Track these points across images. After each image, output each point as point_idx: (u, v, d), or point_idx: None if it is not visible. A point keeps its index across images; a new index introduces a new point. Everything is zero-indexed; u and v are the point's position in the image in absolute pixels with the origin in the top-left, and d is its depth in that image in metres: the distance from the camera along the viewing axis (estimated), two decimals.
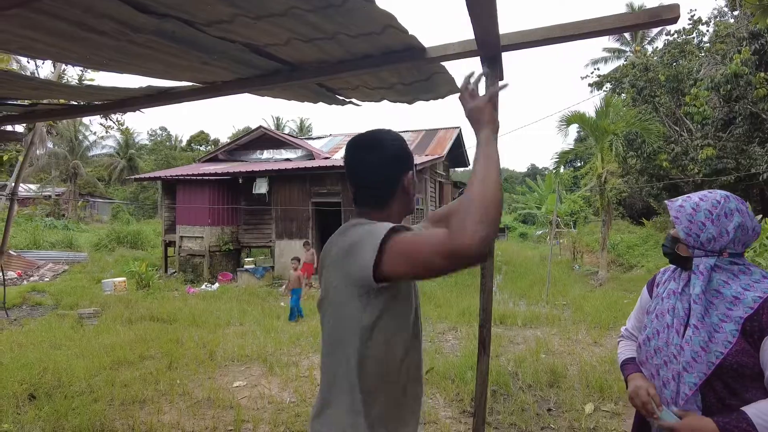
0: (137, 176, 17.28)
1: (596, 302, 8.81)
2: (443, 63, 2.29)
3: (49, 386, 4.63)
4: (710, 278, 1.46)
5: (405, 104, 2.98)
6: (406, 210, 1.42)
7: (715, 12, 18.72)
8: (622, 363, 1.78)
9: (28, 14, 1.58)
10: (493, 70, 1.93)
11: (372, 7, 1.59)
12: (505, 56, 2.00)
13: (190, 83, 2.65)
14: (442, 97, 2.84)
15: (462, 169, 23.58)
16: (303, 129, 44.52)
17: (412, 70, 2.37)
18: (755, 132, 13.17)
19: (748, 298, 1.37)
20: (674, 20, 1.79)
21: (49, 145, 34.67)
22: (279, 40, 1.97)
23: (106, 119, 9.78)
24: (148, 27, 1.73)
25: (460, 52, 1.98)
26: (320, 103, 3.12)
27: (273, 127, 38.47)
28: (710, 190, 1.55)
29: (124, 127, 9.81)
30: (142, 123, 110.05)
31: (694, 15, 16.09)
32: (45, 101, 3.17)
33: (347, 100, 2.95)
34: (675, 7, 1.77)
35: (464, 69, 1.44)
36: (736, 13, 16.38)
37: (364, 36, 1.90)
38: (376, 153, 1.36)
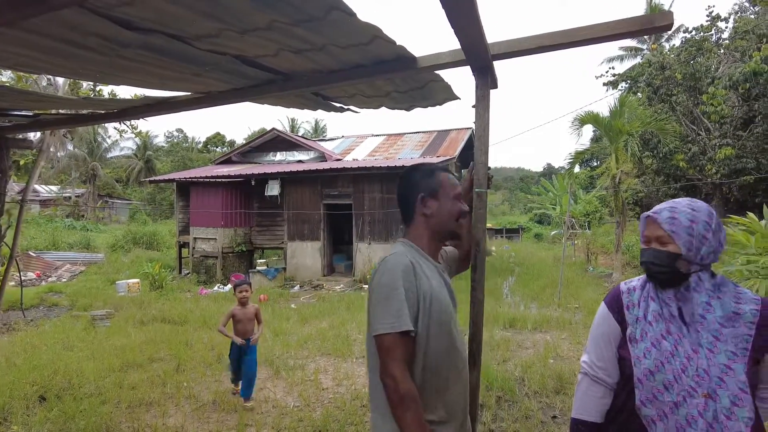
0: (152, 178, 17.52)
1: None
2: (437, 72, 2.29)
3: (60, 388, 4.71)
4: (719, 293, 1.37)
5: (403, 111, 2.97)
6: (439, 227, 1.64)
7: (736, 8, 18.32)
8: (573, 423, 1.57)
9: (18, 33, 1.61)
10: (484, 79, 1.91)
11: (354, 20, 1.59)
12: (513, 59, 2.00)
13: (187, 93, 2.68)
14: (440, 104, 2.82)
15: None
16: (318, 130, 44.69)
17: (406, 78, 2.36)
18: None
19: (747, 313, 1.32)
20: (668, 27, 1.76)
21: (69, 147, 35.46)
22: (269, 52, 1.98)
23: (120, 123, 9.95)
24: (136, 42, 1.75)
25: (450, 61, 1.97)
26: (325, 111, 3.13)
27: (288, 129, 38.74)
28: (689, 199, 1.46)
29: (137, 130, 9.96)
30: (159, 125, 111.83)
31: (713, 11, 15.74)
32: (53, 111, 3.23)
33: (345, 107, 2.95)
34: (668, 15, 1.73)
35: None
36: (757, 8, 16.01)
37: (353, 47, 1.90)
38: (401, 181, 1.70)
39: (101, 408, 4.25)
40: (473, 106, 1.93)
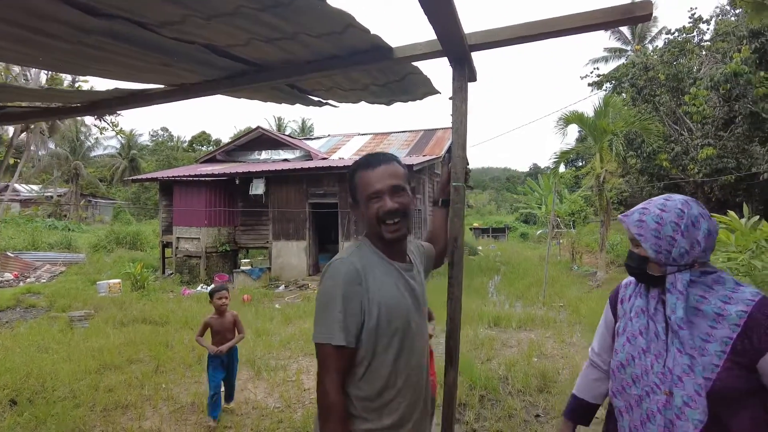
0: (134, 177, 17.26)
1: (593, 304, 8.70)
2: (415, 63, 2.23)
3: (32, 391, 4.57)
4: (688, 295, 1.33)
5: (383, 105, 2.91)
6: (370, 230, 1.52)
7: (717, 10, 18.60)
8: (570, 397, 1.73)
9: None
10: (461, 70, 1.86)
11: (324, 6, 1.53)
12: (499, 56, 1.94)
13: (161, 86, 2.59)
14: (420, 99, 2.77)
15: None
16: (305, 130, 44.45)
17: (384, 70, 2.31)
18: (755, 131, 13.05)
19: (732, 314, 1.26)
20: (647, 18, 1.72)
21: (51, 145, 34.79)
22: (238, 41, 1.91)
23: (100, 120, 9.76)
24: (99, 29, 1.67)
25: (427, 52, 1.91)
26: (303, 105, 3.06)
27: (275, 128, 38.45)
28: (666, 197, 1.41)
29: (119, 128, 9.76)
30: (144, 123, 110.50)
31: (695, 13, 15.96)
32: (23, 104, 3.12)
33: (324, 101, 2.89)
34: (647, 5, 1.70)
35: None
36: (738, 11, 16.26)
37: (326, 36, 1.84)
38: None
39: (74, 411, 4.13)
40: (450, 98, 1.88)
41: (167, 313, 8.54)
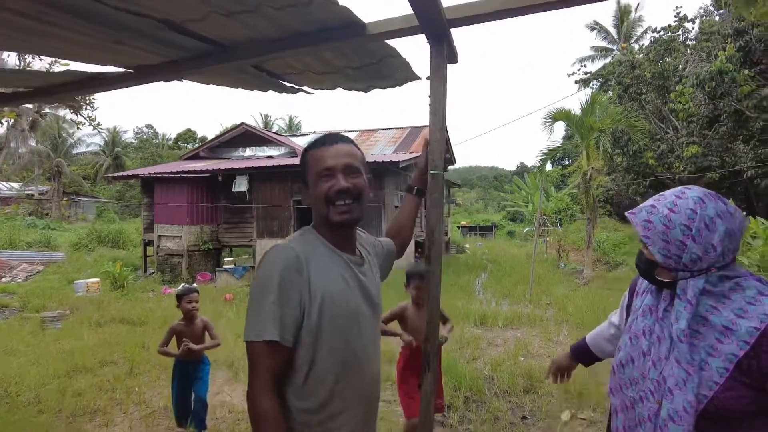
0: (114, 174, 16.88)
1: (579, 302, 8.64)
2: (391, 44, 2.08)
3: None
4: (697, 304, 1.19)
5: (360, 92, 2.75)
6: (319, 215, 1.37)
7: (701, 11, 18.71)
8: (582, 339, 1.85)
9: None
10: (439, 48, 1.71)
11: None
12: (489, 56, 1.79)
13: (120, 69, 2.40)
14: (399, 85, 2.61)
15: (450, 167, 23.39)
16: (292, 126, 44.13)
17: (358, 52, 2.15)
18: (739, 129, 13.13)
19: (742, 329, 1.12)
20: None
21: (32, 142, 34.05)
22: (196, 15, 1.74)
23: (77, 115, 9.46)
24: None
25: (403, 27, 1.76)
26: (276, 92, 2.88)
27: (261, 125, 38.07)
28: (679, 192, 1.24)
29: (96, 122, 9.47)
30: (128, 121, 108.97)
31: (680, 12, 16.02)
32: None
33: (297, 87, 2.72)
34: None
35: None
36: (722, 12, 16.37)
37: (291, 8, 1.67)
38: None
39: (38, 418, 3.92)
40: (427, 78, 1.73)
41: (146, 312, 8.30)
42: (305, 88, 2.74)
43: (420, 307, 3.06)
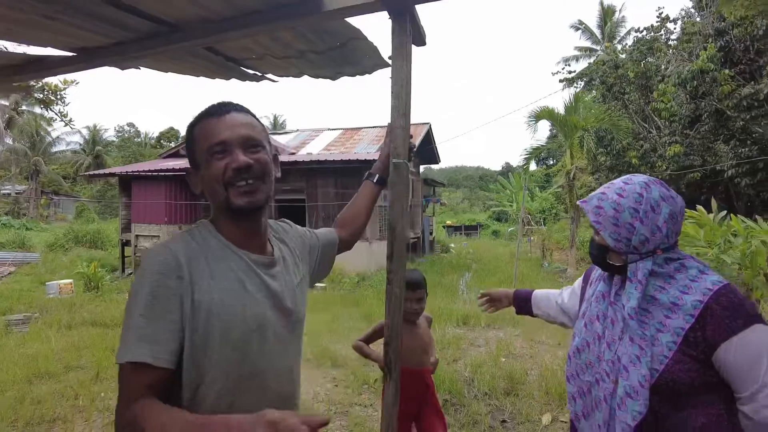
0: (92, 172, 16.48)
1: None
2: (356, 26, 1.92)
3: None
4: (647, 284, 1.26)
5: (329, 80, 2.58)
6: (214, 202, 1.15)
7: (683, 13, 18.89)
8: (531, 291, 1.94)
9: None
10: (402, 24, 1.55)
11: None
12: (475, 55, 1.64)
13: (61, 51, 2.21)
14: (369, 72, 2.45)
15: (435, 166, 23.36)
16: (276, 125, 43.77)
17: (320, 33, 1.99)
18: (720, 128, 13.23)
19: (687, 304, 1.19)
20: None
21: (8, 140, 33.23)
22: None
23: (47, 110, 9.10)
24: None
25: (362, 3, 1.60)
26: (239, 80, 2.71)
27: None
28: (626, 179, 1.32)
29: (68, 118, 9.10)
30: (109, 118, 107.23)
31: (662, 12, 16.13)
32: None
33: (261, 74, 2.55)
34: None
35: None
36: (703, 13, 16.52)
37: None
38: None
39: None
40: (389, 58, 1.58)
41: (120, 314, 8.01)
42: (269, 75, 2.57)
43: (414, 324, 2.51)
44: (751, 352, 1.13)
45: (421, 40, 1.78)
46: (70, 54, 2.16)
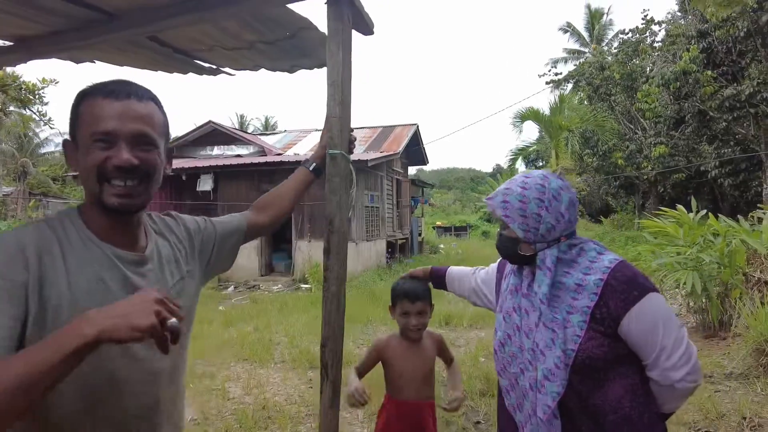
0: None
1: None
2: (306, 16, 1.86)
3: None
4: (555, 271, 1.31)
5: (286, 73, 2.52)
6: (87, 191, 1.01)
7: (669, 16, 19.05)
8: (449, 268, 1.95)
9: None
10: (338, 9, 1.49)
11: None
12: (466, 59, 1.57)
13: (3, 42, 2.13)
14: (326, 65, 2.39)
15: (426, 167, 23.33)
16: (268, 126, 43.52)
17: (266, 23, 1.92)
18: (703, 129, 13.33)
19: (590, 284, 1.26)
20: None
21: None
22: None
23: (26, 110, 8.97)
24: None
25: None
26: (196, 74, 2.63)
27: (237, 125, 37.41)
28: (525, 174, 1.40)
29: (47, 117, 9.00)
30: None
31: (648, 15, 16.24)
32: None
33: (216, 67, 2.48)
34: None
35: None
36: (689, 17, 16.67)
37: None
38: None
39: None
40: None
41: None
42: (226, 69, 2.50)
43: (414, 343, 2.04)
44: (648, 321, 1.21)
45: (366, 28, 1.72)
46: (9, 44, 2.08)
